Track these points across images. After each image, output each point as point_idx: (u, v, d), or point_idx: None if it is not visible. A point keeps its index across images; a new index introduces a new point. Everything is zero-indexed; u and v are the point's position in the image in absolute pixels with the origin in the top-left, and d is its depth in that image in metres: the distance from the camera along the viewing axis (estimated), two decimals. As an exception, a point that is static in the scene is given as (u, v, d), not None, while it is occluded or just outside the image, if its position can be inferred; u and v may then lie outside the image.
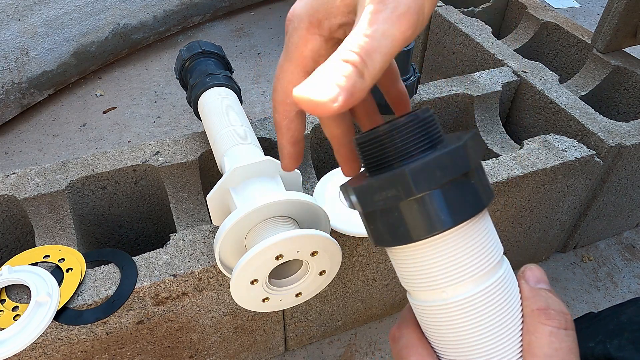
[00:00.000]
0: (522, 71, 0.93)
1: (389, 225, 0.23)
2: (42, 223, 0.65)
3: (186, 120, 1.28)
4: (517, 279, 0.26)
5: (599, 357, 0.44)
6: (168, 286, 0.57)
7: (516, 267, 0.26)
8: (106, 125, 1.27)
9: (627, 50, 0.96)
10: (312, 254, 0.47)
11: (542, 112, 0.89)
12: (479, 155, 0.23)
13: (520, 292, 0.25)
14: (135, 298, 0.56)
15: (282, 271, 0.51)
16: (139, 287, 0.55)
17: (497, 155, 0.80)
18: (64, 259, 0.58)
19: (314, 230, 0.46)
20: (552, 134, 0.79)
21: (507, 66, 0.94)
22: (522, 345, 0.24)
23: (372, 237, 0.25)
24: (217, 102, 0.66)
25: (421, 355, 0.26)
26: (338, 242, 0.51)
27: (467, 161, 0.22)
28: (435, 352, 0.26)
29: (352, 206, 0.24)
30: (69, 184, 0.67)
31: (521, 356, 0.24)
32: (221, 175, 0.56)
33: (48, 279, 0.54)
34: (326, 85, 0.20)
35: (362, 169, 0.27)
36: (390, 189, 0.21)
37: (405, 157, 0.23)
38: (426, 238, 0.23)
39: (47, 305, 0.52)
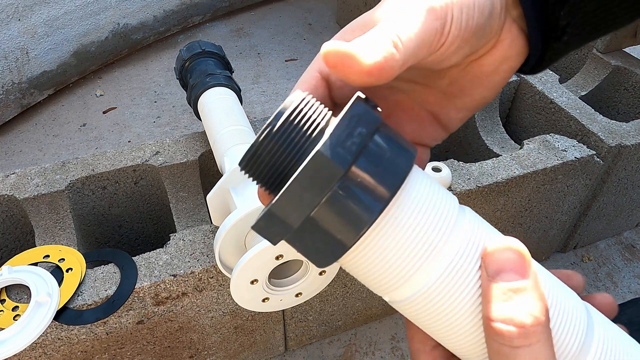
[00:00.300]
0: (522, 71, 0.93)
1: (304, 252, 0.20)
2: (42, 223, 0.65)
3: (186, 120, 1.28)
4: (481, 264, 0.20)
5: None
6: (168, 286, 0.57)
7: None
8: (106, 125, 1.27)
9: (627, 50, 0.96)
10: (312, 254, 0.47)
11: (542, 112, 0.89)
12: (360, 139, 0.18)
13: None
14: (135, 298, 0.56)
15: (282, 271, 0.51)
16: (139, 287, 0.55)
17: (497, 155, 0.80)
18: (64, 259, 0.58)
19: (314, 230, 0.46)
20: (552, 134, 0.79)
21: (507, 66, 0.94)
22: None
23: None
24: (217, 102, 0.66)
25: (417, 337, 0.24)
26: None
27: (336, 165, 0.17)
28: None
29: None
30: (69, 184, 0.67)
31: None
32: (221, 175, 0.56)
33: (48, 279, 0.54)
34: (360, 45, 0.18)
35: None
36: (274, 227, 0.19)
37: (290, 164, 0.19)
38: (336, 261, 0.20)
39: (47, 305, 0.52)
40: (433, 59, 0.22)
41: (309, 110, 0.19)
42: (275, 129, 0.19)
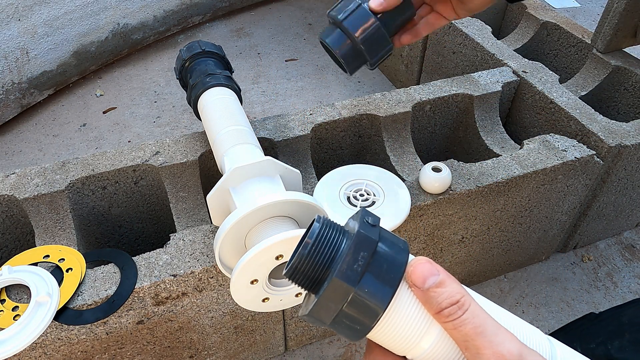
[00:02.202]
0: (522, 71, 0.93)
1: (337, 333, 0.27)
2: (42, 223, 0.65)
3: (186, 120, 1.28)
4: (408, 284, 0.26)
5: (600, 358, 0.44)
6: (168, 286, 0.57)
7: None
8: (106, 125, 1.27)
9: (627, 50, 0.96)
10: (312, 254, 0.47)
11: (542, 112, 0.89)
12: (364, 261, 0.24)
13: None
14: (135, 298, 0.56)
15: (282, 271, 0.51)
16: (139, 287, 0.55)
17: (497, 155, 0.80)
18: (64, 259, 0.58)
19: (314, 230, 0.46)
20: (552, 134, 0.79)
21: (507, 66, 0.94)
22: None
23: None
24: (217, 102, 0.66)
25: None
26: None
27: (348, 286, 0.24)
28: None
29: None
30: (69, 184, 0.67)
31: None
32: (221, 175, 0.56)
33: (48, 279, 0.54)
34: None
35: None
36: (315, 322, 0.26)
37: (320, 276, 0.26)
38: (360, 339, 0.26)
39: (47, 305, 0.52)
40: None
41: (328, 235, 0.26)
42: (306, 253, 0.26)
